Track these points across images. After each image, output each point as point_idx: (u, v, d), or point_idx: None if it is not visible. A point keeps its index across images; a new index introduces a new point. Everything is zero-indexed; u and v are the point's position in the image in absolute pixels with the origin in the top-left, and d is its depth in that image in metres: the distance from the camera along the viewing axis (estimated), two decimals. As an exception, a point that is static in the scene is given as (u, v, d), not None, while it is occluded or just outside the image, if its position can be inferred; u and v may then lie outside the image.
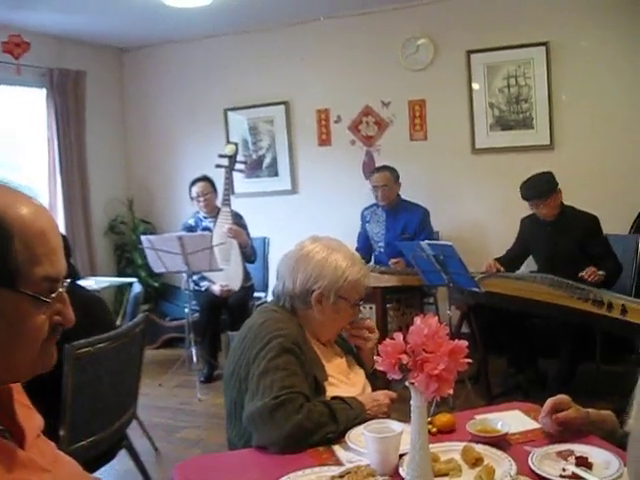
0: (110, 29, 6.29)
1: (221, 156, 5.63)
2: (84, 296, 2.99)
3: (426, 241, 4.36)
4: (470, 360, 1.48)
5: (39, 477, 1.16)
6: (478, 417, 1.91)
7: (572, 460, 1.62)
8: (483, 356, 4.54)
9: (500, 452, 1.70)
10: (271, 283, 5.62)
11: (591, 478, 1.53)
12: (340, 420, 1.87)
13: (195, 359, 5.30)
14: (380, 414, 1.93)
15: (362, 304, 2.26)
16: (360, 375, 2.22)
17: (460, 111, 5.85)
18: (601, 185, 5.37)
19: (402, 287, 4.88)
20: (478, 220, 5.85)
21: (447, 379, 1.43)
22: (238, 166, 5.74)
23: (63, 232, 5.93)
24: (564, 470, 1.58)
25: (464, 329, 4.83)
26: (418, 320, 1.49)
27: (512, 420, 1.89)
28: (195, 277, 5.45)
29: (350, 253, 2.18)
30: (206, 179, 5.68)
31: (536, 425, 1.88)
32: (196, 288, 5.53)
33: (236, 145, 5.78)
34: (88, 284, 4.99)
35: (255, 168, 6.66)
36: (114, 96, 7.15)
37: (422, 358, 1.43)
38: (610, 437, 1.77)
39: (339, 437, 1.84)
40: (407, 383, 1.47)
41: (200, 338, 5.46)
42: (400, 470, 1.62)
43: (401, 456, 1.66)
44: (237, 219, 5.59)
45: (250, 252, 5.58)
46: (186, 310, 5.45)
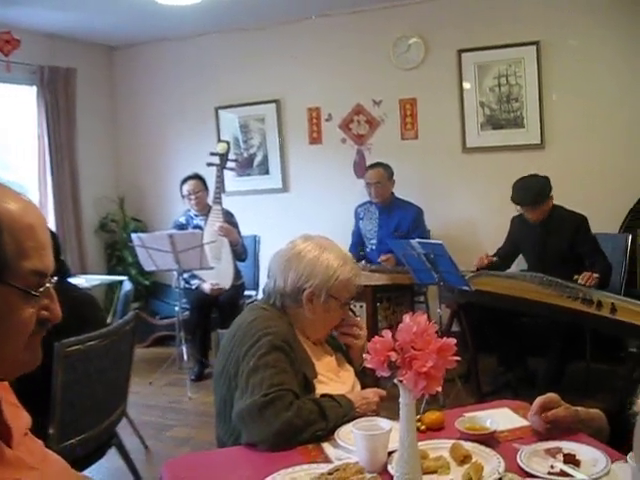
0: (101, 27, 6.26)
1: (212, 154, 5.63)
2: (74, 294, 2.98)
3: (417, 239, 4.36)
4: (459, 358, 1.48)
5: (27, 475, 1.16)
6: (467, 415, 1.92)
7: (560, 457, 1.62)
8: (473, 355, 4.55)
9: (489, 449, 1.71)
10: (262, 281, 5.62)
11: (579, 475, 1.54)
12: (329, 418, 1.87)
13: (186, 357, 5.30)
14: (369, 412, 1.94)
15: (353, 303, 2.27)
16: (350, 373, 2.22)
17: (451, 110, 5.86)
18: (591, 184, 5.39)
19: (393, 285, 4.88)
20: (469, 219, 5.87)
21: (435, 377, 1.43)
22: (229, 164, 5.73)
23: (53, 230, 5.92)
24: (552, 467, 1.59)
25: (454, 328, 4.84)
26: (407, 318, 1.49)
27: (501, 418, 1.90)
28: (186, 275, 5.44)
29: (342, 252, 2.18)
30: (197, 177, 5.67)
31: (525, 423, 1.89)
32: (187, 286, 5.53)
33: (227, 143, 5.77)
34: (79, 282, 4.97)
35: (246, 166, 6.66)
36: (105, 94, 7.13)
37: (411, 355, 1.44)
38: (598, 435, 1.78)
39: (328, 435, 1.85)
40: (396, 381, 1.47)
41: (190, 336, 5.46)
42: (389, 467, 1.62)
43: (390, 453, 1.67)
44: (228, 217, 5.59)
45: (241, 250, 5.58)
46: (176, 308, 5.43)
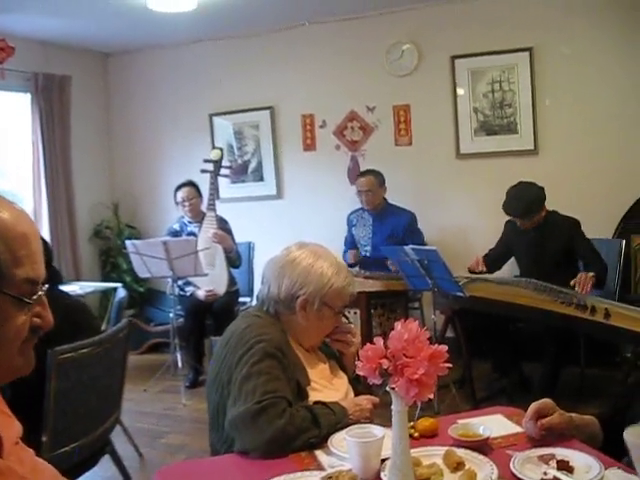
0: (95, 34, 6.27)
1: (206, 161, 5.62)
2: (66, 301, 2.97)
3: (410, 246, 4.35)
4: (450, 365, 1.48)
5: (17, 485, 1.15)
6: (460, 422, 1.92)
7: (553, 464, 1.62)
8: (468, 360, 4.55)
9: (482, 456, 1.70)
10: (256, 288, 5.61)
11: (571, 482, 1.54)
12: (322, 425, 1.87)
13: (180, 364, 5.29)
14: (362, 419, 1.94)
15: (347, 309, 2.26)
16: (343, 380, 2.22)
17: (445, 116, 5.87)
18: (585, 189, 5.40)
19: (387, 292, 4.88)
20: (463, 225, 5.87)
21: (427, 384, 1.44)
22: (223, 171, 5.73)
23: (48, 237, 5.92)
24: (545, 474, 1.58)
25: (449, 334, 4.85)
26: (398, 325, 1.49)
27: (494, 424, 1.90)
28: (180, 282, 5.44)
29: (336, 261, 2.18)
30: (191, 184, 5.67)
31: (518, 429, 1.89)
32: (181, 293, 5.53)
33: (221, 150, 5.77)
34: (73, 289, 4.98)
35: (240, 173, 6.66)
36: (99, 101, 7.12)
37: (402, 363, 1.44)
38: (592, 440, 1.78)
39: (321, 442, 1.84)
40: (388, 388, 1.47)
41: (185, 343, 5.44)
42: (382, 475, 1.62)
43: (383, 461, 1.66)
44: (222, 224, 5.59)
45: (235, 257, 5.58)
46: (171, 315, 5.42)
